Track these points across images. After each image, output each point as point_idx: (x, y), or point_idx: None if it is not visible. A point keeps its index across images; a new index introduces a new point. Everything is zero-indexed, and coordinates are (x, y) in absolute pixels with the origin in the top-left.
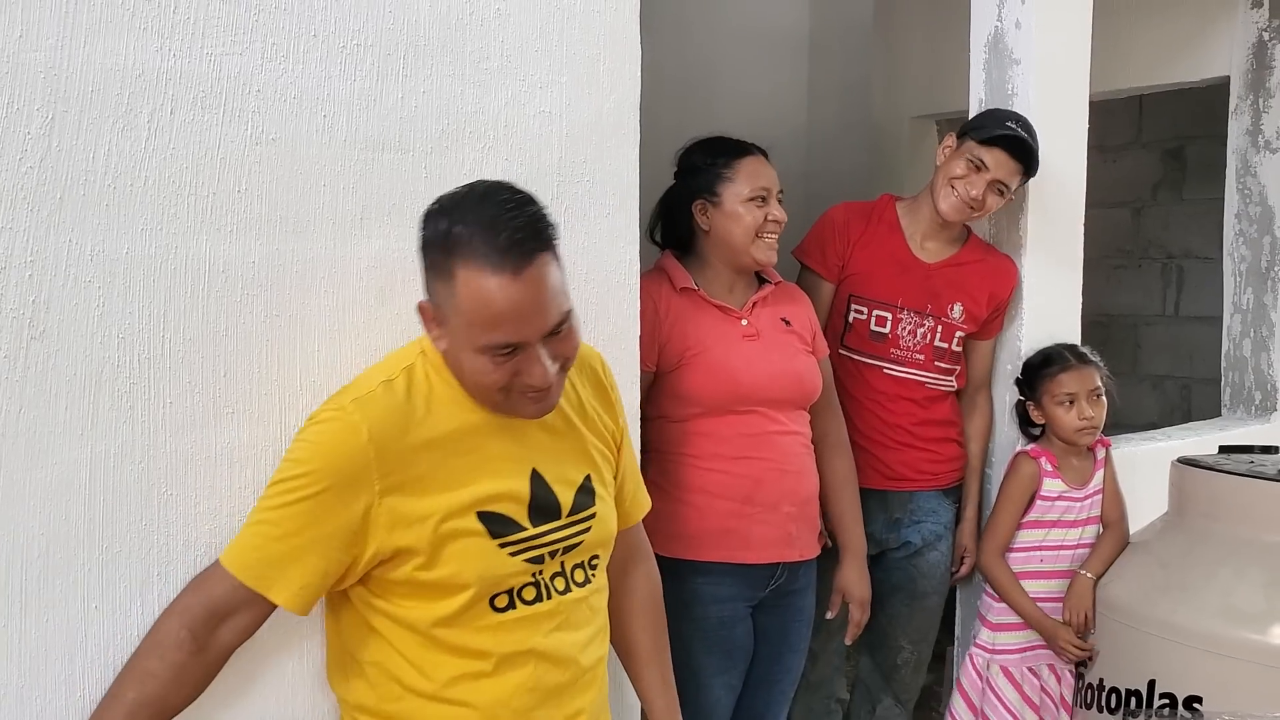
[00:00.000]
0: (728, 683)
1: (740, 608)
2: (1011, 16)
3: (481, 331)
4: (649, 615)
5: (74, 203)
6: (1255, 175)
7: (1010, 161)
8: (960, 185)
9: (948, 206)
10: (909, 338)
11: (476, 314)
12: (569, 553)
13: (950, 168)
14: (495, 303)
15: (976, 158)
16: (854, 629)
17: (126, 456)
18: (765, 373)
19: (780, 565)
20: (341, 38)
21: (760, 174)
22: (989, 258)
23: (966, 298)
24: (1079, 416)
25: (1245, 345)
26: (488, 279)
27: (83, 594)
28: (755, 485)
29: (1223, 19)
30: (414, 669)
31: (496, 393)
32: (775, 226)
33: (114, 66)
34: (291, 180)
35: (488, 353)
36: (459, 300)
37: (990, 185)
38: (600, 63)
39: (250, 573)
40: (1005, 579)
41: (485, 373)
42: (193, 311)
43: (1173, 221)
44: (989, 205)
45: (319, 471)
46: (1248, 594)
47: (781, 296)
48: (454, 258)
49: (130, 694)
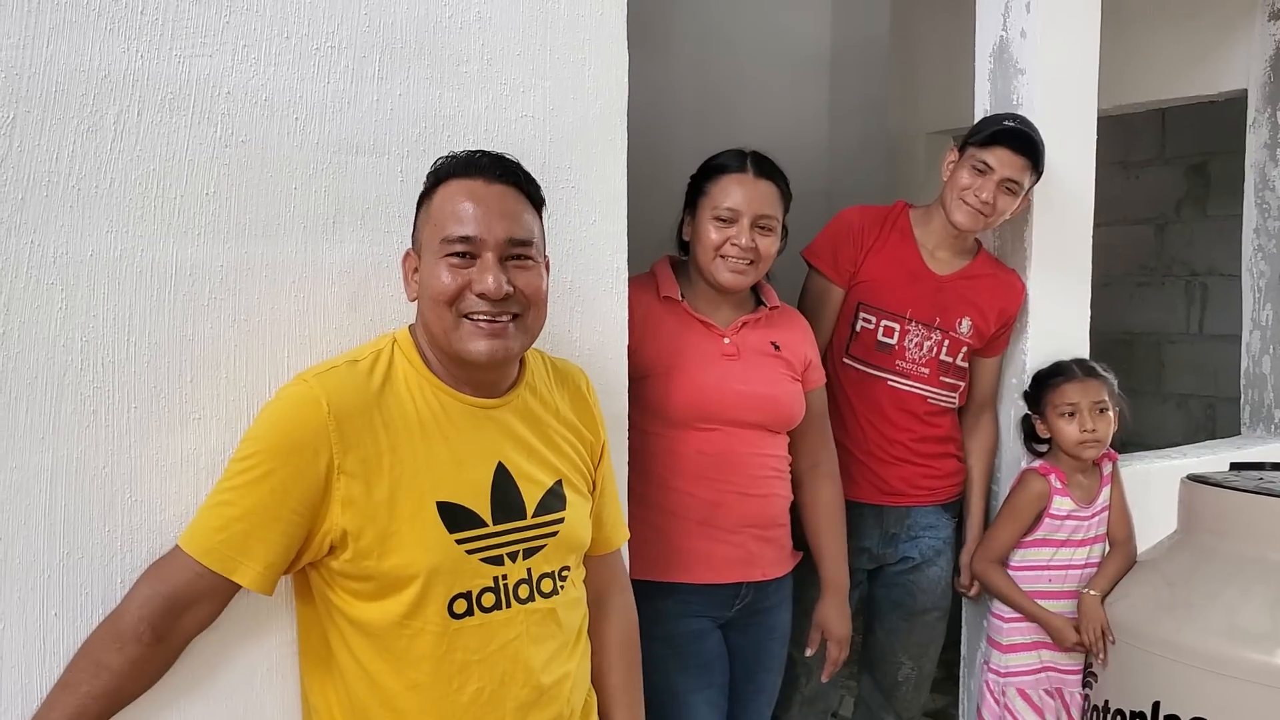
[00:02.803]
0: (709, 699)
1: (706, 623)
2: (1017, 26)
3: (446, 226)
4: (621, 650)
5: (36, 204)
6: (1274, 189)
7: (1014, 157)
8: (969, 194)
9: (962, 217)
10: (915, 350)
11: (444, 210)
12: (533, 557)
13: (957, 179)
14: (462, 197)
15: (980, 162)
16: (830, 667)
17: (89, 461)
18: (736, 392)
19: (744, 584)
20: (315, 39)
21: (732, 194)
22: (999, 273)
23: (975, 312)
24: (1081, 428)
25: (1265, 362)
26: (462, 183)
27: (42, 600)
28: (713, 508)
29: (1241, 31)
30: (366, 675)
31: (447, 307)
32: (737, 251)
33: (79, 67)
34: (262, 183)
35: (447, 252)
36: (433, 209)
37: (999, 186)
38: (586, 68)
39: (213, 555)
40: (1002, 583)
41: (440, 279)
42: (158, 315)
43: (1196, 238)
44: (1001, 207)
45: (278, 446)
46: (1253, 613)
47: (778, 321)
48: (440, 179)
49: (83, 686)
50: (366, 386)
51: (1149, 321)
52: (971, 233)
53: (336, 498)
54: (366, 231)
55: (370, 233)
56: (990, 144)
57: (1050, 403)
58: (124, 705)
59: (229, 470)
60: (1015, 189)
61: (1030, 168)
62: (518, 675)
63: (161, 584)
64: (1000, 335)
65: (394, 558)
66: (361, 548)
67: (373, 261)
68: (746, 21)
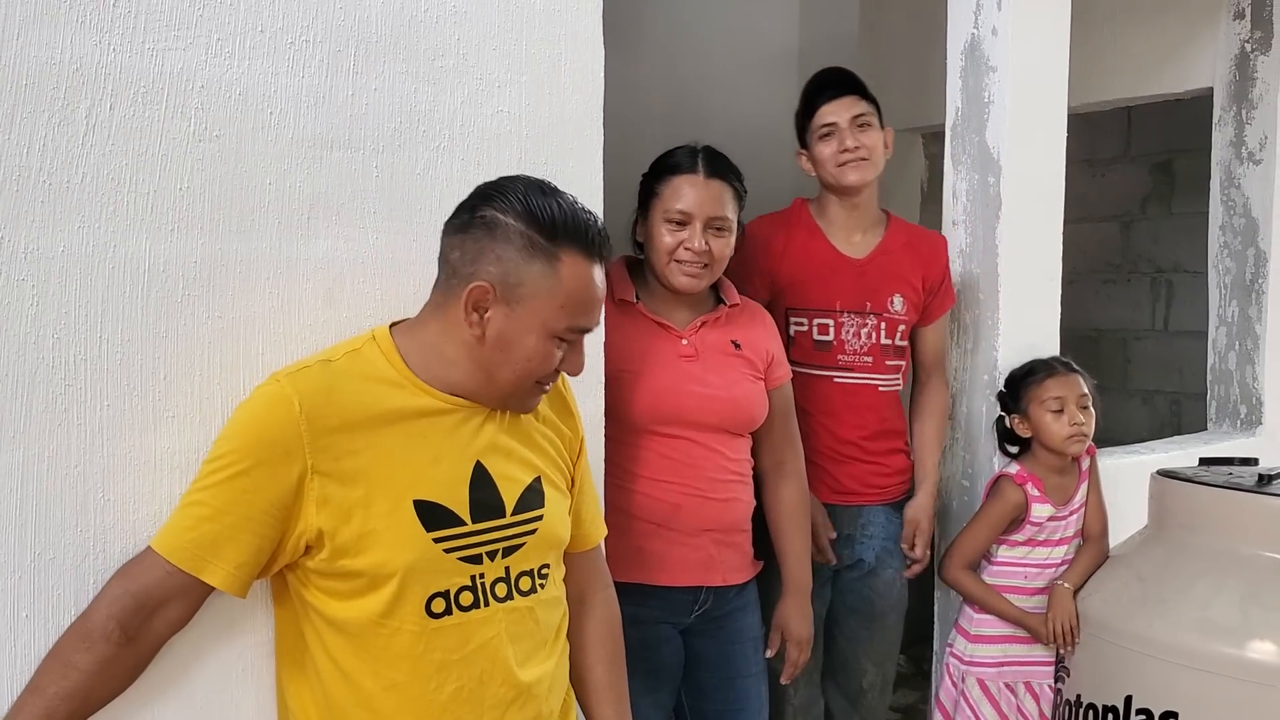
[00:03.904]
0: (657, 701)
1: (664, 629)
2: (988, 23)
3: (572, 314)
4: (606, 646)
5: (7, 199)
6: (1239, 187)
7: (841, 98)
8: (839, 154)
9: (854, 175)
10: (854, 341)
11: (576, 296)
12: (511, 555)
13: (820, 156)
14: (593, 289)
15: (821, 127)
16: (790, 668)
17: (61, 460)
18: (694, 394)
19: (703, 589)
20: (290, 33)
21: (684, 196)
22: (914, 239)
23: (904, 285)
24: (1069, 423)
25: (1230, 358)
26: (592, 267)
27: (12, 601)
28: (673, 510)
29: (1206, 31)
30: (342, 676)
31: (533, 381)
32: (690, 255)
33: (50, 60)
34: (236, 178)
35: (560, 336)
36: (562, 282)
37: (850, 129)
38: (562, 63)
39: (182, 554)
40: (975, 588)
41: (544, 357)
42: (131, 312)
43: (1162, 235)
44: (869, 142)
45: (250, 446)
46: (1224, 607)
47: (738, 318)
48: (559, 241)
49: (51, 688)
50: (340, 385)
51: (1115, 318)
52: (865, 187)
53: (311, 497)
54: (342, 227)
55: (346, 228)
56: (815, 107)
57: (1035, 398)
58: (95, 709)
59: (202, 471)
60: (867, 121)
61: (861, 97)
62: (496, 674)
63: (131, 583)
64: (933, 301)
65: (370, 556)
66: (338, 546)
67: (348, 257)
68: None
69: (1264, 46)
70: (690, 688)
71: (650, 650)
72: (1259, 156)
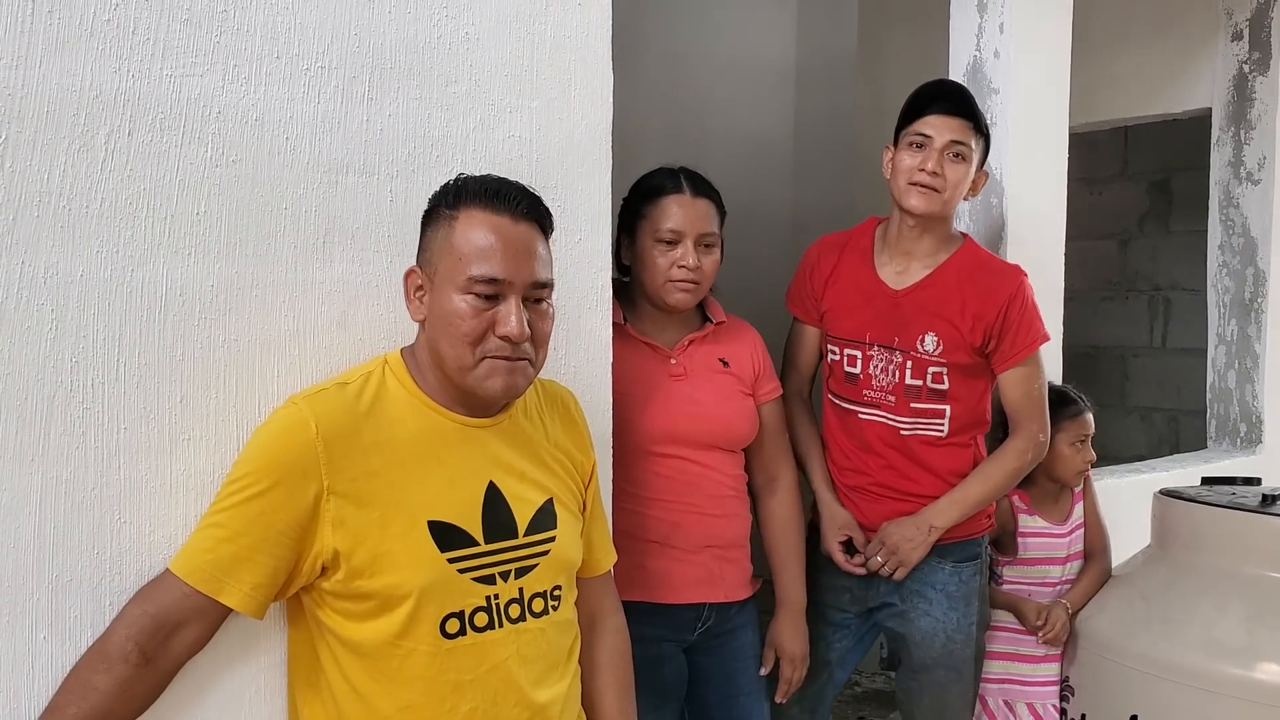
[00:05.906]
0: (661, 719)
1: (667, 647)
2: (990, 46)
3: (472, 263)
4: (615, 672)
5: (27, 224)
6: (1238, 207)
7: (949, 119)
8: (914, 172)
9: (915, 200)
10: (880, 376)
11: (471, 244)
12: (525, 576)
13: (899, 165)
14: (490, 234)
15: (916, 135)
16: (784, 686)
17: (79, 483)
18: (686, 415)
19: (706, 606)
20: (305, 60)
21: (673, 216)
22: (979, 272)
23: (942, 324)
24: (1084, 459)
25: (1230, 377)
26: (488, 216)
27: (31, 623)
28: (673, 528)
29: (1205, 52)
30: (357, 697)
31: (469, 347)
32: (684, 273)
33: (71, 87)
34: (252, 203)
35: (471, 291)
36: (455, 236)
37: (943, 153)
38: (572, 88)
39: (200, 575)
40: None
41: (463, 318)
42: (149, 335)
43: (1159, 253)
44: (953, 178)
45: (267, 467)
46: (1229, 627)
47: (724, 335)
48: (461, 202)
49: (70, 709)
50: (355, 408)
51: (1113, 335)
52: (930, 218)
53: (327, 519)
54: (356, 251)
55: (360, 252)
56: (920, 113)
57: (1065, 430)
58: None
59: (220, 494)
60: (963, 152)
61: (972, 129)
62: (510, 695)
63: (150, 604)
64: (999, 347)
65: (386, 577)
66: (353, 567)
67: (363, 281)
68: (712, 38)
69: (1262, 68)
70: (694, 705)
71: (654, 668)
72: (1258, 176)
